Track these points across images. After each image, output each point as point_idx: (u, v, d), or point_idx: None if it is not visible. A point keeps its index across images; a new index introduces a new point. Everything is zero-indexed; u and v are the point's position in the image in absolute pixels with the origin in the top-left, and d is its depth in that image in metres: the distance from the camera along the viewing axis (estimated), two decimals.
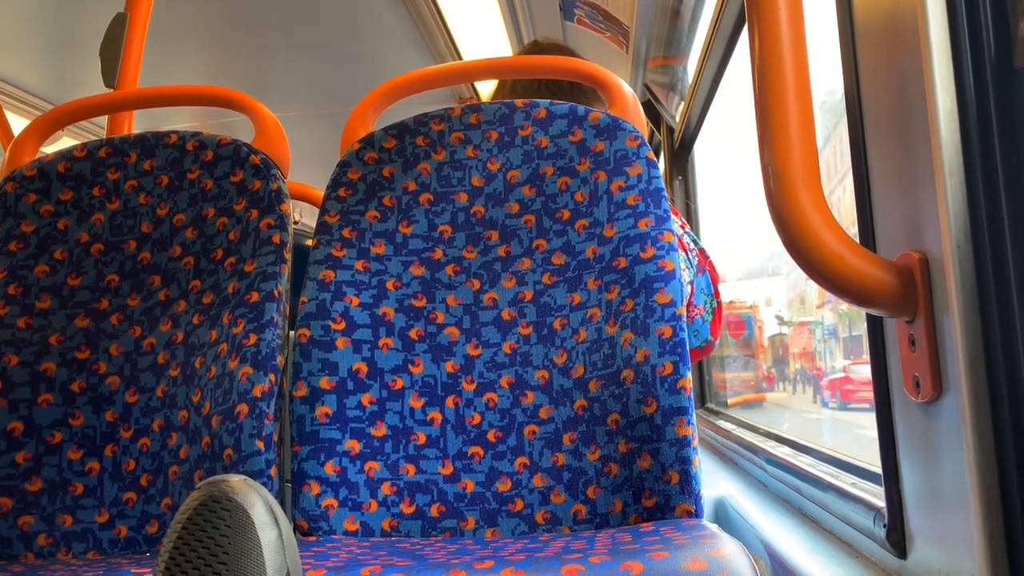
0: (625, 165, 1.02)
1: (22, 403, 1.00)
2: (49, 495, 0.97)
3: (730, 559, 0.63)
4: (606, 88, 1.12)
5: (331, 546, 0.83)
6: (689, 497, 0.86)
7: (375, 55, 2.63)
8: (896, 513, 0.74)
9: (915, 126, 0.63)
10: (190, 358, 0.99)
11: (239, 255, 1.02)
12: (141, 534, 0.95)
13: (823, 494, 1.01)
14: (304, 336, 0.98)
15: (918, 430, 0.68)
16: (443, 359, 1.00)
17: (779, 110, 0.66)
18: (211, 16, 2.32)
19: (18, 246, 1.09)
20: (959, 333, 0.59)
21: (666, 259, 0.95)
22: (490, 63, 1.19)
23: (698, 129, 2.41)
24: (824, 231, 0.64)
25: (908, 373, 0.67)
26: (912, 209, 0.66)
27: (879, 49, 0.71)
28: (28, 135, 1.20)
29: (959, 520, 0.61)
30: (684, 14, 2.15)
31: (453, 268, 1.04)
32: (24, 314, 1.05)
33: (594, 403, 0.92)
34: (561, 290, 1.00)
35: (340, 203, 1.07)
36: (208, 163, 1.10)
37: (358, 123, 1.13)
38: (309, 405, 0.95)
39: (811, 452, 1.24)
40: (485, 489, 0.94)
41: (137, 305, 1.05)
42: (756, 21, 0.68)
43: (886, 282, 0.65)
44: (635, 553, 0.65)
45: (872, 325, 0.76)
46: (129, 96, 1.39)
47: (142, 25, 1.58)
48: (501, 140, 1.09)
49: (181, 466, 0.94)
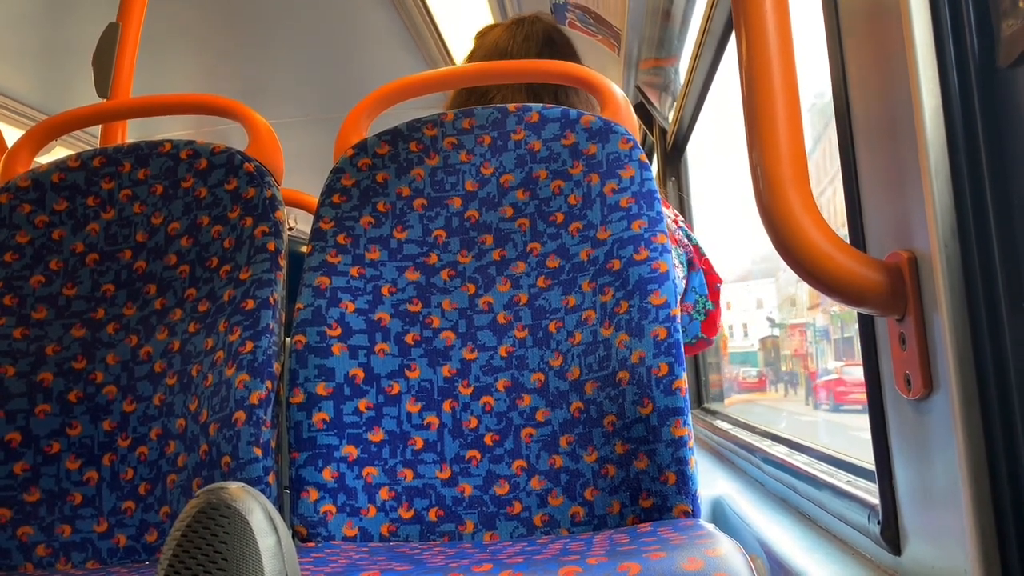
0: (618, 168, 1.03)
1: (19, 414, 1.00)
2: (48, 505, 0.97)
3: (726, 558, 0.63)
4: (598, 91, 1.12)
5: (330, 552, 0.83)
6: (686, 497, 0.86)
7: (367, 59, 2.63)
8: (890, 510, 0.75)
9: (902, 127, 0.64)
10: (187, 366, 0.99)
11: (234, 263, 1.03)
12: (140, 543, 0.95)
13: (819, 492, 1.02)
14: (300, 343, 0.98)
15: (910, 427, 0.69)
16: (439, 363, 1.01)
17: (767, 112, 0.66)
18: (203, 23, 2.32)
19: (13, 257, 1.09)
20: (948, 331, 0.59)
21: (659, 260, 0.95)
22: (483, 67, 1.20)
23: (690, 130, 2.41)
24: (813, 231, 0.65)
25: (899, 371, 0.68)
26: (900, 209, 0.67)
27: (866, 51, 0.72)
28: (22, 145, 1.20)
29: (951, 516, 0.62)
30: (675, 15, 2.16)
31: (448, 273, 1.05)
32: (20, 325, 1.05)
33: (590, 405, 0.93)
34: (556, 293, 1.01)
35: (334, 209, 1.07)
36: (202, 171, 1.10)
37: (351, 129, 1.14)
38: (306, 411, 0.96)
39: (807, 451, 1.24)
40: (483, 492, 0.95)
41: (133, 314, 1.06)
42: (743, 24, 0.69)
43: (876, 281, 0.65)
44: (632, 554, 0.65)
45: (863, 324, 0.77)
46: (122, 106, 1.39)
47: (134, 34, 1.58)
48: (494, 144, 1.10)
49: (179, 474, 0.95)
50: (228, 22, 2.33)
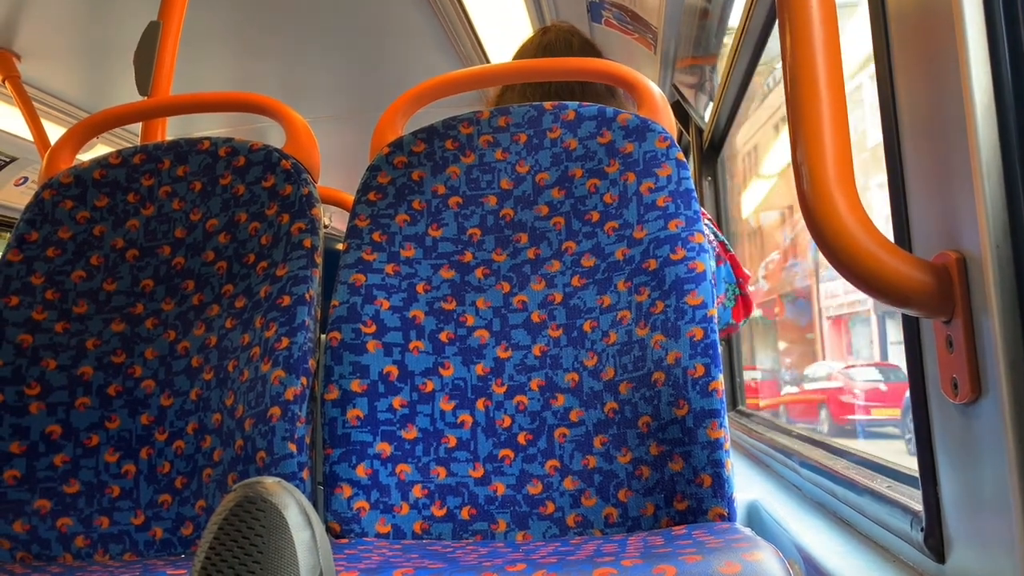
0: (654, 166, 1.02)
1: (60, 406, 1.02)
2: (86, 497, 0.98)
3: (764, 563, 0.62)
4: (635, 89, 1.11)
5: (363, 548, 0.83)
6: (721, 500, 0.85)
7: (401, 57, 2.64)
8: (934, 516, 0.73)
9: (951, 124, 0.62)
10: (223, 361, 1.00)
11: (271, 259, 1.03)
12: (176, 536, 0.96)
13: (858, 497, 1.00)
14: (335, 339, 0.99)
15: (956, 432, 0.67)
16: (473, 362, 1.00)
17: (812, 109, 0.65)
18: (241, 22, 2.35)
19: (55, 252, 1.11)
20: (999, 334, 0.58)
21: (697, 260, 0.94)
22: (518, 66, 1.19)
23: (727, 130, 2.39)
24: (859, 231, 0.64)
25: (945, 374, 0.66)
26: (949, 208, 0.65)
27: (913, 46, 0.70)
28: (64, 143, 1.22)
29: (1000, 523, 0.60)
30: (713, 13, 2.13)
31: (483, 271, 1.05)
32: (62, 319, 1.07)
33: (625, 405, 0.92)
34: (591, 292, 1.00)
35: (370, 207, 1.08)
36: (240, 168, 1.11)
37: (387, 127, 1.14)
38: (340, 408, 0.96)
39: (846, 455, 1.22)
40: (516, 492, 0.94)
41: (171, 309, 1.07)
42: (788, 19, 0.68)
43: (922, 282, 0.64)
44: (667, 556, 0.64)
45: (908, 326, 0.75)
46: (163, 103, 1.41)
47: (175, 33, 1.60)
48: (530, 142, 1.09)
49: (215, 469, 0.96)
50: (265, 21, 2.36)
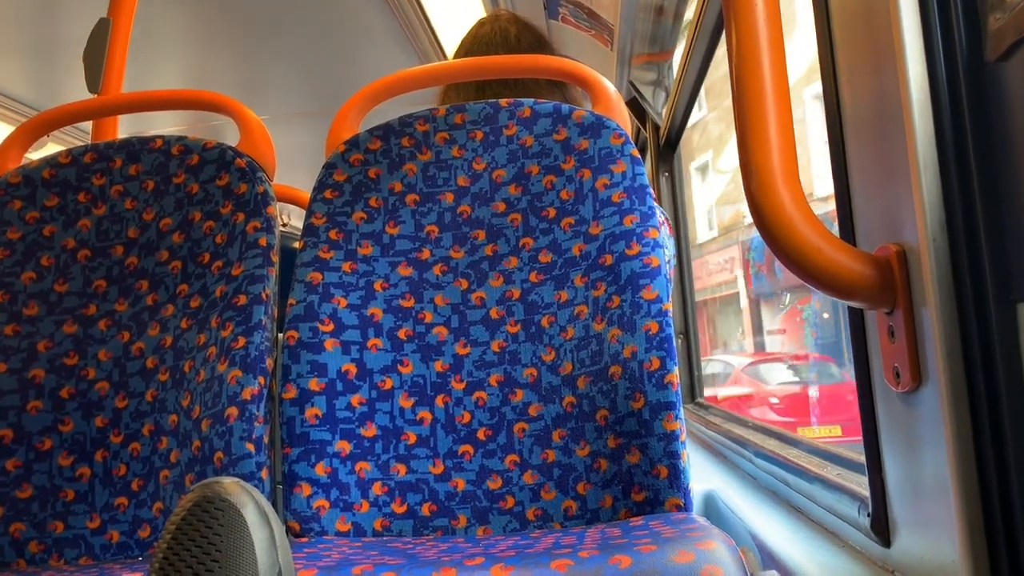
0: (609, 163, 1.03)
1: (11, 410, 1.00)
2: (40, 502, 0.97)
3: (716, 551, 0.64)
4: (589, 86, 1.12)
5: (323, 547, 0.83)
6: (678, 491, 0.87)
7: (360, 55, 2.63)
8: (880, 502, 0.75)
9: (891, 121, 0.65)
10: (179, 362, 0.99)
11: (226, 258, 1.03)
12: (133, 539, 0.95)
13: (809, 485, 1.02)
14: (292, 338, 0.99)
15: (899, 420, 0.69)
16: (432, 359, 1.01)
17: (757, 107, 0.66)
18: (195, 18, 2.32)
19: (4, 253, 1.09)
20: (936, 324, 0.60)
21: (651, 255, 0.96)
22: (474, 62, 1.20)
23: (683, 126, 2.42)
24: (804, 226, 0.65)
25: (888, 364, 0.68)
26: (890, 202, 0.67)
27: (855, 45, 0.72)
28: (12, 142, 1.20)
29: (940, 508, 0.62)
30: (668, 10, 2.16)
31: (440, 268, 1.05)
32: (11, 321, 1.05)
33: (583, 399, 0.93)
34: (548, 288, 1.01)
35: (326, 205, 1.07)
36: (194, 167, 1.10)
37: (343, 124, 1.14)
38: (299, 407, 0.96)
39: (798, 444, 1.25)
40: (476, 487, 0.95)
41: (125, 310, 1.06)
42: (733, 20, 0.69)
43: (865, 275, 0.66)
44: (623, 547, 0.66)
45: (853, 317, 0.77)
46: (114, 101, 1.39)
47: (125, 30, 1.57)
48: (486, 140, 1.10)
49: (172, 470, 0.95)
50: (220, 18, 2.33)
